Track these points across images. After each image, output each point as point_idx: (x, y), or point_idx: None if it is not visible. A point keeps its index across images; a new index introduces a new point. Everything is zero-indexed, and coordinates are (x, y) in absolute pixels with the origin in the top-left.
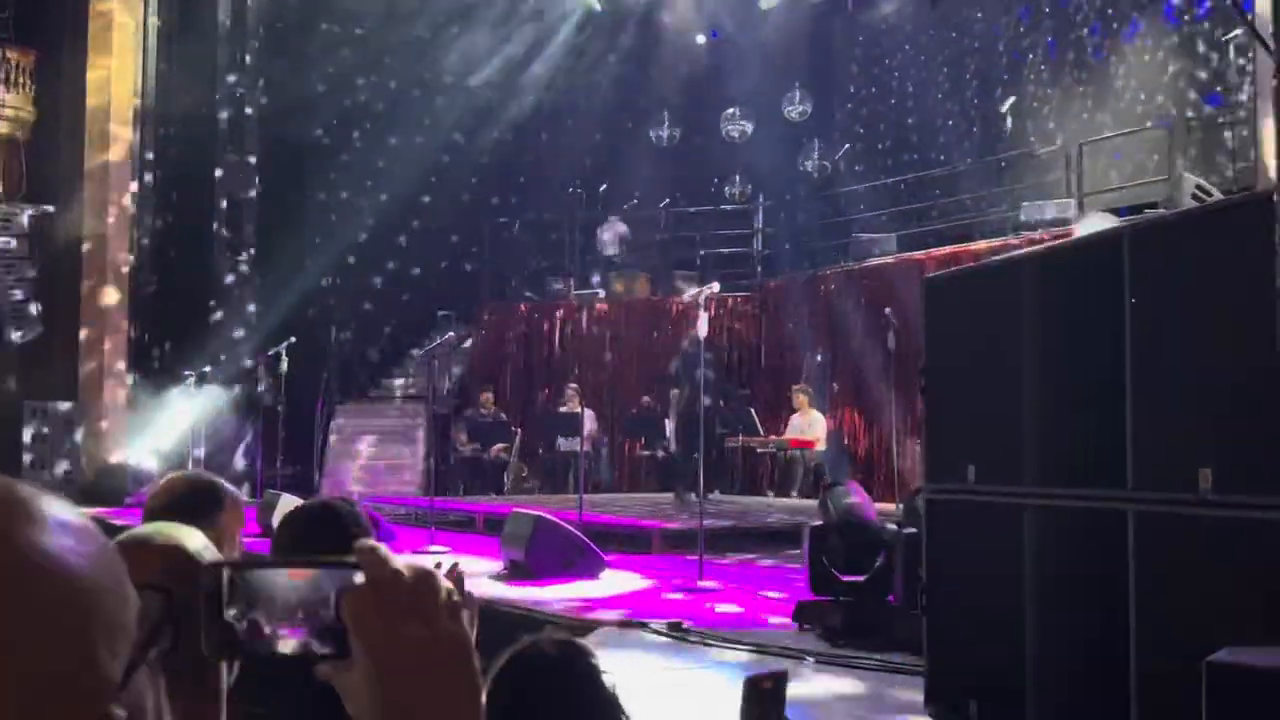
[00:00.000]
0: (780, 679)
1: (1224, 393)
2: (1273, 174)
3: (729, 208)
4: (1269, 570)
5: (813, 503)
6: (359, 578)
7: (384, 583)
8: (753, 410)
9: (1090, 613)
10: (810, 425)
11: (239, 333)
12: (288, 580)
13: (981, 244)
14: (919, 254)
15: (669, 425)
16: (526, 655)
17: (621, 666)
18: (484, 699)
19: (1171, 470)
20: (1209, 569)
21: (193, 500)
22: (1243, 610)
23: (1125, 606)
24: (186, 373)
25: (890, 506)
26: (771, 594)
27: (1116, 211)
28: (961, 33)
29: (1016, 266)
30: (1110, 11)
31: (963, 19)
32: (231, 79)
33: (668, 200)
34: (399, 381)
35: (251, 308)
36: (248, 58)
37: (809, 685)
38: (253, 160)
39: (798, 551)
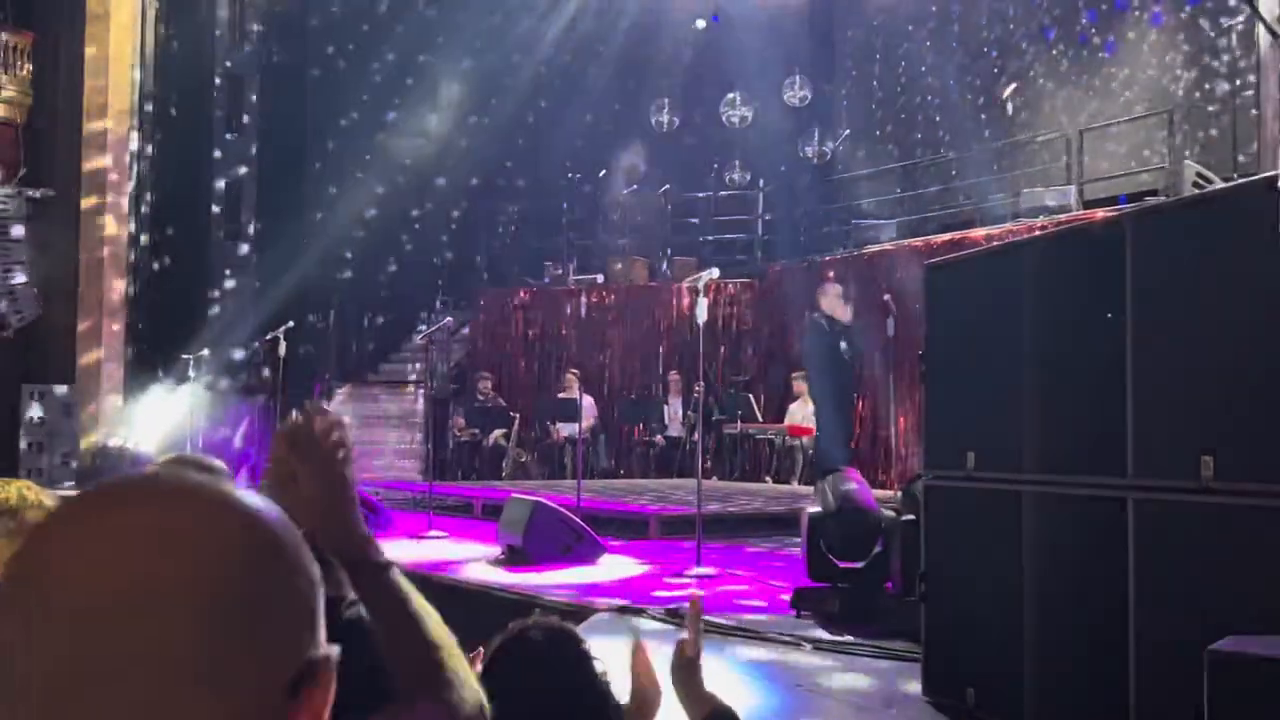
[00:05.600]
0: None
1: (1225, 379)
2: (1278, 160)
3: (729, 194)
4: (1270, 558)
5: (811, 490)
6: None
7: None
8: (751, 397)
9: (1089, 601)
10: (810, 413)
11: (237, 316)
12: None
13: (981, 231)
14: (919, 241)
15: (667, 410)
16: (516, 641)
17: (618, 653)
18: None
19: (1172, 458)
20: (1210, 557)
21: None
22: (1244, 599)
23: (1125, 595)
24: (185, 356)
25: (889, 493)
26: (771, 582)
27: (1116, 199)
28: (963, 19)
29: (1017, 252)
30: None
31: (964, 4)
32: (230, 61)
33: (667, 186)
34: (397, 367)
35: (250, 291)
36: (248, 34)
37: (806, 672)
38: (252, 141)
39: (796, 538)
